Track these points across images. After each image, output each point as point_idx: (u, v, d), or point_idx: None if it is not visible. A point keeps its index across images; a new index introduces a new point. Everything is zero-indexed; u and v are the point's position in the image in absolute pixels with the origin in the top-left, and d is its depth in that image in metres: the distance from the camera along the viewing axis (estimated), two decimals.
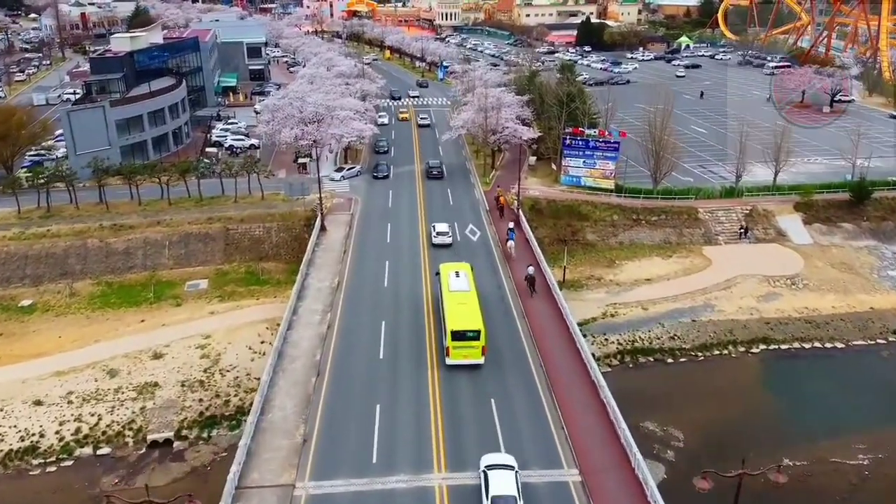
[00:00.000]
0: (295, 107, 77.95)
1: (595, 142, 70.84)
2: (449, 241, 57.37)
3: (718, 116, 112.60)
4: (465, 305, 40.32)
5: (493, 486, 28.70)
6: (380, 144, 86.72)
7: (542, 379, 38.83)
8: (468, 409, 36.05)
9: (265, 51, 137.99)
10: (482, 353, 38.98)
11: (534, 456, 32.34)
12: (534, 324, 44.98)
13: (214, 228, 63.94)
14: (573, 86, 79.71)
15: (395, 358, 40.70)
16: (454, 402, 36.54)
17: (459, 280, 43.23)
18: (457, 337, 38.58)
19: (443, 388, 37.65)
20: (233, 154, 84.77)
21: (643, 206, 70.18)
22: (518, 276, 51.55)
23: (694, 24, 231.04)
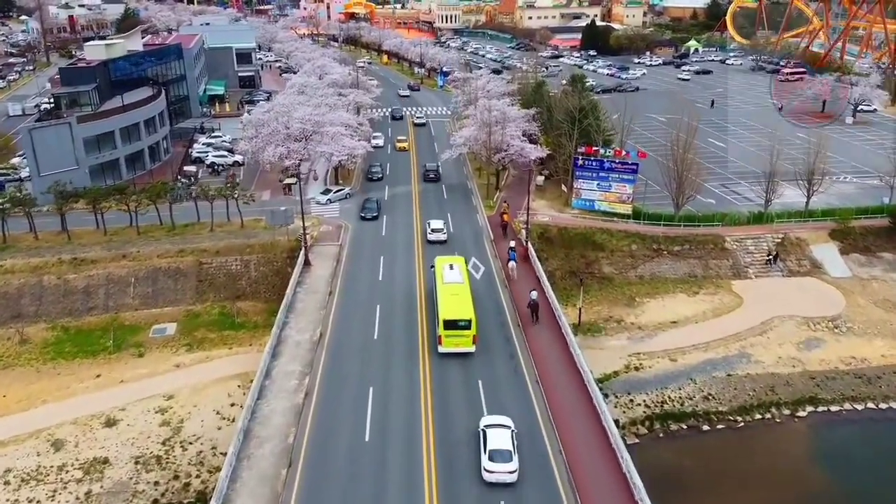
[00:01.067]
0: (280, 122, 71.16)
1: (611, 163, 64.01)
2: (444, 238, 58.74)
3: (736, 128, 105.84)
4: (457, 296, 41.95)
5: (490, 441, 31.43)
6: (373, 171, 76.29)
7: (557, 458, 32.54)
8: None
9: (255, 56, 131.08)
10: (473, 342, 40.55)
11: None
12: (546, 382, 38.42)
13: (186, 262, 57.07)
14: (584, 99, 72.76)
15: (384, 442, 33.84)
16: None
17: (453, 272, 45.18)
18: (449, 326, 40.17)
19: (440, 485, 30.83)
20: (214, 172, 77.94)
21: (664, 234, 63.34)
22: (521, 302, 47.44)
23: (701, 27, 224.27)
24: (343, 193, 70.38)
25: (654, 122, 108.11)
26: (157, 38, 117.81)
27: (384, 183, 74.79)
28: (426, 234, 59.15)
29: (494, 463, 30.55)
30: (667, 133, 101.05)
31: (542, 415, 35.66)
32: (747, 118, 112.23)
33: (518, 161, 70.43)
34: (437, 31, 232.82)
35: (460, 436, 33.85)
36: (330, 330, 44.52)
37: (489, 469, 30.54)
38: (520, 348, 42.09)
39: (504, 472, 30.41)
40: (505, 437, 31.65)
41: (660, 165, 68.16)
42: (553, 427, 34.55)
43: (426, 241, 58.65)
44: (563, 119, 69.38)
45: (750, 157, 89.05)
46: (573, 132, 66.82)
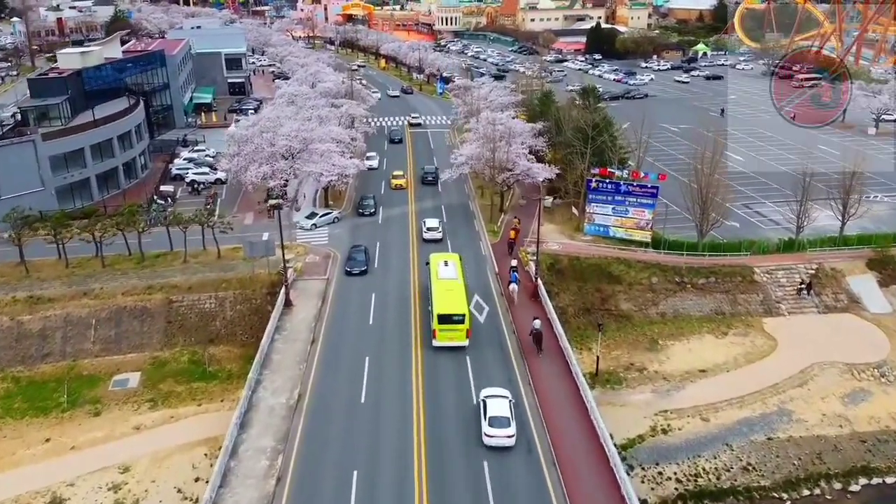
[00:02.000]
0: (265, 138, 65.10)
1: (628, 186, 57.90)
2: (439, 237, 59.34)
3: (753, 139, 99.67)
4: (452, 292, 43.06)
5: (490, 409, 34.03)
6: (364, 204, 66.04)
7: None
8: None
9: (246, 61, 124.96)
10: (466, 336, 41.73)
11: None
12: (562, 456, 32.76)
13: (154, 300, 50.98)
14: (597, 113, 66.60)
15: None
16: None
17: (448, 269, 46.11)
18: (443, 320, 41.34)
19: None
20: (194, 192, 71.82)
21: (687, 264, 57.19)
22: (522, 330, 44.42)
23: (708, 29, 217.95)
24: (330, 217, 63.97)
25: (666, 132, 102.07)
26: (140, 43, 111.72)
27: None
28: (421, 233, 60.34)
29: (494, 428, 33.45)
30: (682, 146, 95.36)
31: None
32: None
33: (524, 182, 64.39)
34: (437, 33, 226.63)
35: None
36: (310, 391, 38.41)
37: (489, 434, 33.47)
38: (536, 436, 35.18)
39: (503, 436, 33.39)
40: (503, 405, 34.60)
41: (679, 184, 62.13)
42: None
43: (422, 239, 59.57)
44: (574, 136, 63.19)
45: (772, 173, 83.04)
46: (586, 151, 60.65)
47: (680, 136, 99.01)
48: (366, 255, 54.33)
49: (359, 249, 55.25)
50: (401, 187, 72.20)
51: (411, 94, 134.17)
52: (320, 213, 64.21)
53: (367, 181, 74.53)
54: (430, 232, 59.69)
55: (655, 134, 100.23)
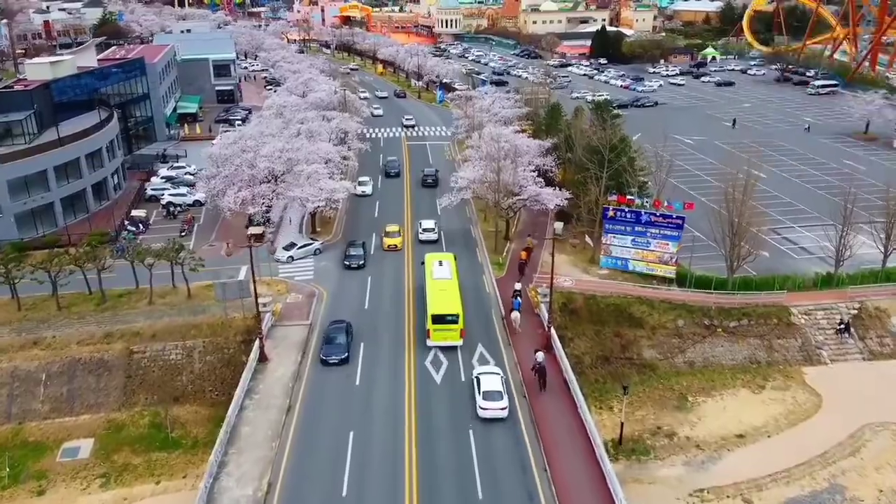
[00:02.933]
0: (245, 159, 58.90)
1: (649, 215, 51.66)
2: (435, 238, 58.80)
3: (773, 152, 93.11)
4: (445, 292, 43.54)
5: (483, 384, 36.83)
6: (351, 254, 54.80)
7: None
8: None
9: (235, 68, 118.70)
10: (460, 336, 42.03)
11: None
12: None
13: (113, 351, 44.74)
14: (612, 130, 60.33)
15: None
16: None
17: (442, 269, 46.67)
18: (437, 320, 41.75)
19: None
20: (169, 215, 65.55)
21: (717, 304, 50.93)
22: (524, 364, 41.04)
23: (715, 32, 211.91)
24: (310, 249, 57.09)
25: (680, 145, 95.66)
26: (121, 49, 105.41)
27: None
28: (417, 234, 59.74)
29: (488, 401, 35.87)
30: (698, 160, 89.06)
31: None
32: (783, 139, 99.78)
33: (532, 208, 58.23)
34: (437, 36, 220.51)
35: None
36: (282, 480, 32.09)
37: (484, 407, 35.83)
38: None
39: (496, 408, 35.78)
40: (496, 380, 37.18)
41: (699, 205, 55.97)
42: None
43: (417, 239, 59.24)
44: (589, 158, 56.91)
45: (799, 193, 76.90)
46: (601, 175, 54.36)
47: (695, 150, 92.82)
48: (347, 334, 42.85)
49: (339, 328, 43.20)
50: (394, 248, 56.95)
51: (404, 97, 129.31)
52: (299, 244, 57.52)
53: (359, 210, 67.46)
54: (427, 233, 59.16)
55: (670, 147, 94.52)
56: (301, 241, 58.02)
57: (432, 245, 58.10)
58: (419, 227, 60.13)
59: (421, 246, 57.62)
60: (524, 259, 55.00)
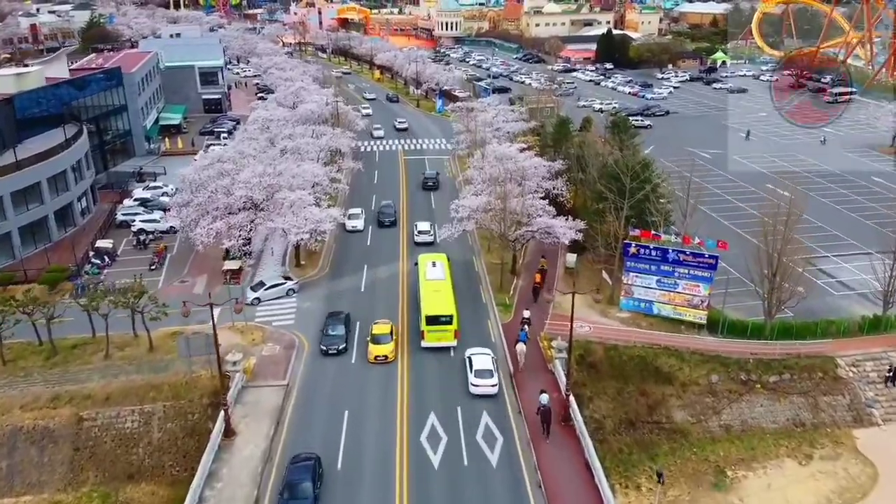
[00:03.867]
0: (221, 185, 52.68)
1: (677, 254, 45.41)
2: (430, 240, 58.28)
3: (794, 168, 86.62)
4: (439, 293, 43.73)
5: (475, 363, 39.20)
6: (330, 333, 43.51)
7: None
8: None
9: (223, 75, 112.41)
10: (455, 337, 42.41)
11: None
12: None
13: (61, 418, 38.51)
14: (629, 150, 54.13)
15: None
16: None
17: (436, 269, 46.39)
18: (431, 321, 41.98)
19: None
20: (140, 245, 59.28)
21: (754, 355, 44.72)
22: (528, 406, 37.58)
23: (723, 35, 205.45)
24: (281, 289, 50.13)
25: (695, 159, 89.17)
26: (100, 57, 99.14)
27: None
28: (413, 236, 59.54)
29: (479, 379, 38.43)
30: (718, 178, 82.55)
31: None
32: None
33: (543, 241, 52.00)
34: (437, 39, 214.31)
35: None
36: None
37: (475, 384, 38.40)
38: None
39: (487, 385, 38.36)
40: (487, 360, 39.76)
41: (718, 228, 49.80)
42: None
43: (413, 242, 58.85)
44: (606, 184, 50.61)
45: (829, 215, 70.52)
46: (621, 205, 48.01)
47: (713, 165, 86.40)
48: (312, 478, 31.11)
49: (299, 472, 31.43)
50: (384, 359, 41.73)
51: (396, 102, 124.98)
52: (268, 284, 50.36)
53: (349, 239, 60.61)
54: (422, 235, 59.15)
55: (683, 161, 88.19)
56: (271, 280, 51.06)
57: (427, 247, 57.42)
58: (415, 230, 60.09)
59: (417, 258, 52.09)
60: (538, 283, 50.23)
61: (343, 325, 44.04)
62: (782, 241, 44.27)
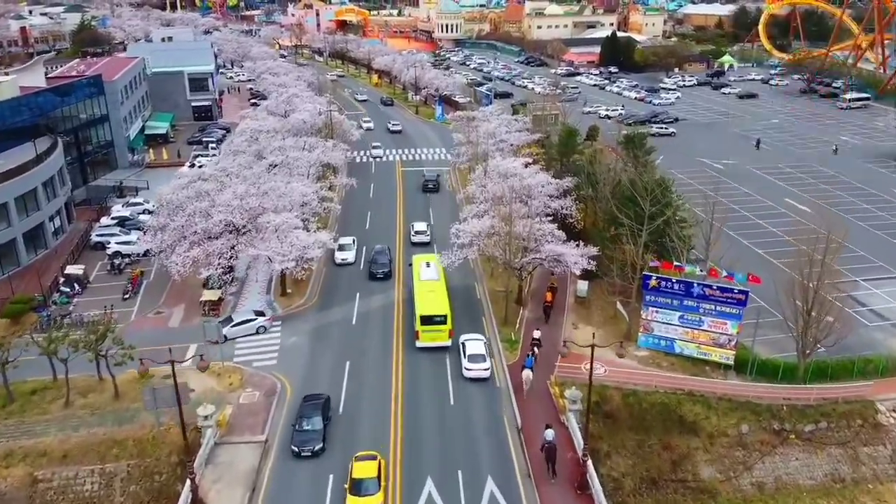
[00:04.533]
0: (200, 207, 48.24)
1: (703, 288, 40.96)
2: (427, 240, 58.43)
3: (812, 180, 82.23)
4: (433, 293, 43.99)
5: (468, 349, 40.55)
6: (305, 428, 34.69)
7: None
8: None
9: (214, 81, 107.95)
10: (449, 336, 42.38)
11: None
12: None
13: (13, 479, 34.09)
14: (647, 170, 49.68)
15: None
16: None
17: (429, 270, 46.92)
18: (425, 321, 42.14)
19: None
20: (114, 270, 54.84)
21: (787, 400, 40.28)
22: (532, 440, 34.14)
23: (729, 37, 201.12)
24: (251, 326, 44.90)
25: (708, 171, 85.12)
26: (83, 63, 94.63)
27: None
28: (409, 236, 59.65)
29: (472, 363, 39.79)
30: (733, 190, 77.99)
31: None
32: (820, 163, 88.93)
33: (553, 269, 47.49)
34: (437, 41, 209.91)
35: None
36: None
37: (468, 368, 39.80)
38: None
39: (480, 369, 39.77)
40: (479, 345, 41.17)
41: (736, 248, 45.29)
42: None
43: (409, 241, 58.91)
44: (620, 207, 46.14)
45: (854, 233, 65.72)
46: (638, 231, 43.52)
47: (728, 178, 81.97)
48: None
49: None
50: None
51: (391, 105, 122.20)
52: (237, 320, 45.10)
53: (339, 271, 54.64)
54: (419, 235, 59.52)
55: (695, 172, 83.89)
56: (240, 315, 45.89)
57: (424, 247, 57.34)
58: (411, 230, 60.27)
59: None
60: (548, 302, 47.25)
61: (321, 414, 35.14)
62: (820, 273, 39.76)
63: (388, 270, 52.69)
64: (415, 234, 59.48)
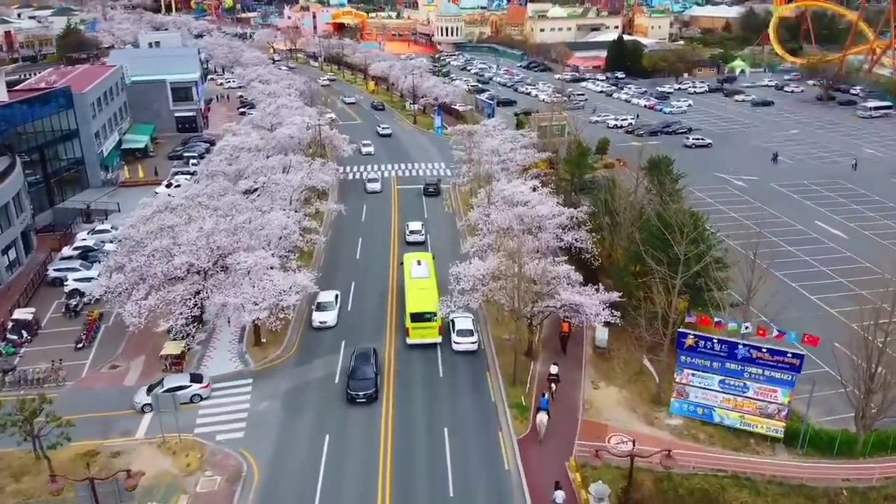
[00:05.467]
0: (160, 247, 41.83)
1: (749, 349, 34.55)
2: (422, 240, 59.02)
3: (842, 199, 75.63)
4: (424, 290, 44.58)
5: (457, 324, 43.08)
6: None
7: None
8: None
9: (199, 90, 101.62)
10: (439, 333, 43.10)
11: None
12: None
13: None
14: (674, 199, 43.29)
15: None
16: None
17: (421, 268, 47.39)
18: (416, 318, 42.73)
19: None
20: (70, 312, 48.37)
21: (846, 480, 33.89)
22: None
23: (738, 40, 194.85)
24: (184, 395, 37.33)
25: (727, 188, 78.83)
26: (56, 73, 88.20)
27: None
28: (404, 234, 59.89)
29: (461, 337, 42.34)
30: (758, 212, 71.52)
31: None
32: (846, 178, 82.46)
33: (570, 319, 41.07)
34: (437, 45, 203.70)
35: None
36: None
37: (457, 342, 42.32)
38: None
39: (468, 342, 42.18)
40: (468, 321, 43.55)
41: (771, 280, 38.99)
42: None
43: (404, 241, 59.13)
44: (647, 248, 39.73)
45: None
46: (671, 279, 37.02)
47: (750, 196, 75.61)
48: None
49: None
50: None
51: (382, 109, 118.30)
52: (168, 385, 37.90)
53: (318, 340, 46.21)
54: (413, 235, 59.56)
55: (716, 191, 77.56)
56: (172, 381, 38.43)
57: (418, 246, 57.67)
58: (406, 229, 60.33)
59: None
60: (565, 332, 42.15)
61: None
62: (888, 329, 33.38)
63: (373, 392, 38.08)
64: (410, 233, 59.52)
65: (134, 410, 37.62)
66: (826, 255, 60.79)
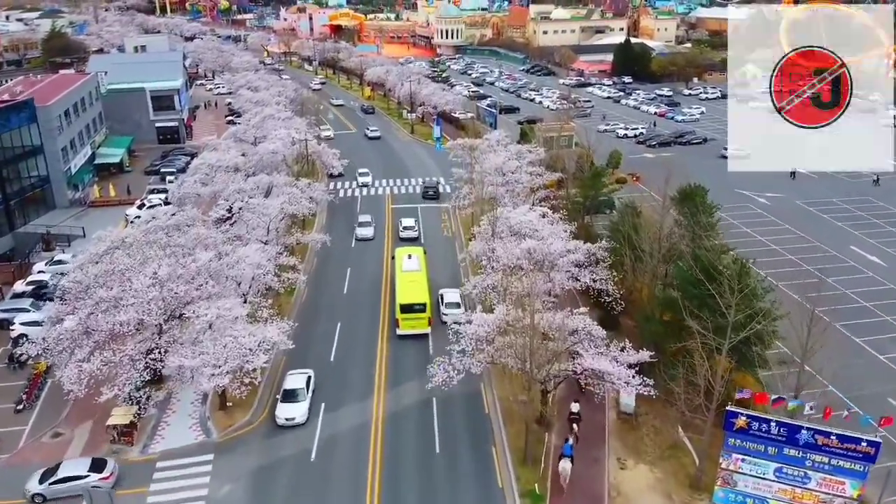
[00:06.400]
0: (106, 298, 35.41)
1: (814, 434, 28.17)
2: (415, 236, 59.45)
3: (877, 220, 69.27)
4: (414, 283, 45.59)
5: (446, 298, 45.88)
6: None
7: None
8: None
9: (181, 99, 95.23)
10: (428, 324, 43.81)
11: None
12: None
13: None
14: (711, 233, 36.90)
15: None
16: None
17: (411, 261, 48.50)
18: (405, 310, 43.50)
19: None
20: (14, 363, 41.99)
21: None
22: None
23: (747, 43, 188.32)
24: (80, 485, 30.90)
25: (749, 206, 72.60)
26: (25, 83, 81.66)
27: None
28: (398, 231, 60.21)
29: (449, 310, 44.18)
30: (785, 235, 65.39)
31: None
32: (877, 197, 76.31)
33: (592, 388, 34.69)
34: (436, 48, 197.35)
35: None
36: None
37: (445, 314, 43.98)
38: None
39: (456, 314, 40.98)
40: (456, 295, 46.00)
41: None
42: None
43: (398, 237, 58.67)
44: (681, 290, 33.33)
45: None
46: (717, 343, 30.49)
47: (777, 216, 69.34)
48: None
49: None
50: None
51: (372, 113, 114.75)
52: (60, 475, 31.64)
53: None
54: (407, 231, 60.06)
55: (739, 210, 71.16)
56: (67, 469, 31.98)
57: (412, 242, 57.81)
58: (399, 226, 60.91)
59: None
60: (574, 413, 35.70)
61: None
62: None
63: None
64: (403, 229, 60.04)
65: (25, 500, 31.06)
66: (867, 287, 54.49)
